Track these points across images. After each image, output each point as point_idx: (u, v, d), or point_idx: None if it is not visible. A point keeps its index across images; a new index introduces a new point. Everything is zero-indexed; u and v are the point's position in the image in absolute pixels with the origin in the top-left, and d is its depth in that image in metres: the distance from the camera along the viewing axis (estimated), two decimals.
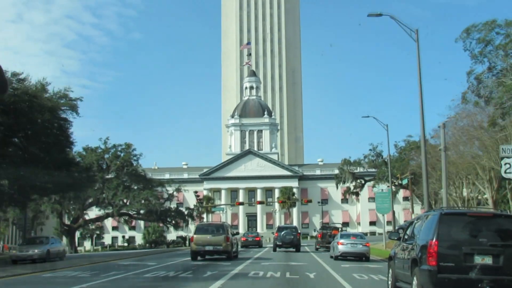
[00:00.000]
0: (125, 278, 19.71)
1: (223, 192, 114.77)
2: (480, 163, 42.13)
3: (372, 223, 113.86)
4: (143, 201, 78.94)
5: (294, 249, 47.99)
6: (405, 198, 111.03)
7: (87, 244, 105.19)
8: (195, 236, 34.14)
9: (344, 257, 33.75)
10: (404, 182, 60.55)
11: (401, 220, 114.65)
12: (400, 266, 14.64)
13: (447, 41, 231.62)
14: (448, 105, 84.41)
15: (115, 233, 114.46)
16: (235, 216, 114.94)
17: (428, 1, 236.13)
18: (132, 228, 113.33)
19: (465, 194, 54.24)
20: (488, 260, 12.07)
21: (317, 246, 53.69)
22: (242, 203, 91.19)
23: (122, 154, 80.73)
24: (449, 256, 12.17)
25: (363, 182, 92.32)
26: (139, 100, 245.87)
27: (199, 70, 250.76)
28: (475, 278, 11.88)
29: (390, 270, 16.02)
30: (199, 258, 33.19)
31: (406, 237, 15.14)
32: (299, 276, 20.40)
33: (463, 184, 52.09)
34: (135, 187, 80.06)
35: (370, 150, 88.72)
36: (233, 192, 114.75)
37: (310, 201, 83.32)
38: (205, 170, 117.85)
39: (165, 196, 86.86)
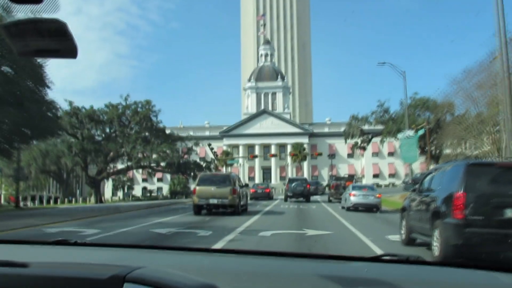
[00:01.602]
0: None
1: (241, 148, 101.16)
2: None
3: (375, 176, 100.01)
4: (161, 154, 65.77)
5: (304, 199, 40.30)
6: None
7: (120, 195, 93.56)
8: (197, 187, 24.99)
9: (356, 208, 27.93)
10: (420, 133, 45.81)
11: (401, 173, 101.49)
12: (416, 217, 11.30)
13: None
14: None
15: (145, 184, 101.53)
16: (251, 169, 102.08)
17: None
18: (160, 180, 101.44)
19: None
20: None
21: (330, 198, 41.65)
22: (256, 156, 77.66)
23: (141, 110, 67.64)
24: (477, 209, 9.00)
25: (370, 137, 77.74)
26: (176, 74, 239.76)
27: (223, 44, 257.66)
28: (506, 232, 8.71)
29: (404, 221, 12.39)
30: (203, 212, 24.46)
31: (422, 188, 11.58)
32: None
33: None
34: (154, 141, 67.08)
35: (378, 106, 74.17)
36: (250, 148, 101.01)
37: (320, 154, 69.45)
38: (225, 128, 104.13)
39: (181, 148, 73.77)
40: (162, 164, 69.06)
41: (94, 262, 2.12)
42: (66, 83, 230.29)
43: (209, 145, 71.46)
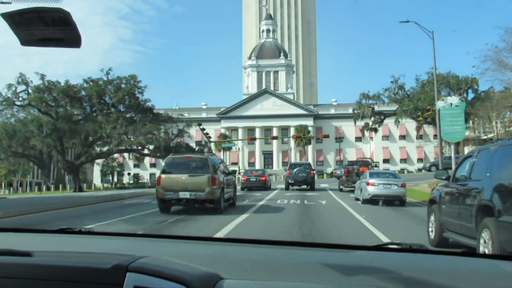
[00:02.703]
0: None
1: (240, 130, 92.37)
2: None
3: (386, 161, 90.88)
4: (149, 136, 57.26)
5: (307, 187, 34.92)
6: (419, 137, 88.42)
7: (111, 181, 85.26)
8: (162, 176, 18.50)
9: (375, 200, 22.24)
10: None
11: (414, 158, 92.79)
12: (453, 213, 8.99)
13: None
14: None
15: (137, 170, 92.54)
16: (252, 154, 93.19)
17: None
18: (153, 165, 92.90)
19: None
20: None
21: (341, 186, 34.52)
22: (254, 138, 68.90)
23: (125, 86, 59.16)
24: None
25: (382, 117, 68.93)
26: (179, 58, 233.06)
27: (224, 23, 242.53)
28: None
29: (432, 217, 10.12)
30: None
31: (459, 175, 9.40)
32: None
33: None
34: (139, 121, 58.58)
35: (392, 82, 65.49)
36: (250, 131, 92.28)
37: (327, 136, 60.74)
38: (222, 110, 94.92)
39: (175, 132, 65.50)
40: (151, 147, 60.88)
41: (97, 251, 2.11)
42: (70, 67, 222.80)
43: (199, 124, 62.93)
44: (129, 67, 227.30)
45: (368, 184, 23.01)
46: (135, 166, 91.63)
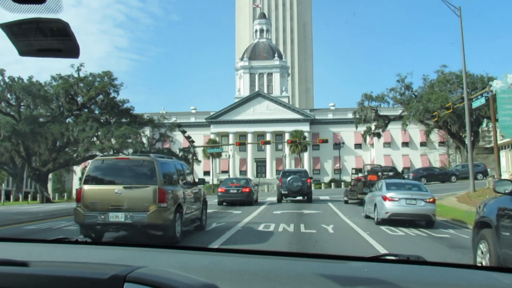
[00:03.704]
0: None
1: (230, 136, 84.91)
2: None
3: None
4: (125, 140, 50.04)
5: (303, 198, 29.86)
6: (422, 144, 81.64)
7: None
8: (85, 187, 11.65)
9: (394, 220, 16.58)
10: (477, 104, 29.67)
11: (417, 167, 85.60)
12: None
13: None
14: None
15: None
16: (243, 161, 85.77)
17: None
18: None
19: None
20: None
21: (345, 198, 29.66)
22: (243, 143, 61.70)
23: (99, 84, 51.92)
24: None
25: (386, 121, 61.79)
26: (174, 64, 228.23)
27: (219, 31, 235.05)
28: None
29: (483, 246, 6.86)
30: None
31: None
32: None
33: None
34: (113, 123, 51.39)
35: (398, 81, 58.49)
36: (242, 137, 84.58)
37: (325, 141, 53.81)
38: (212, 114, 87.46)
39: (157, 136, 58.59)
40: (130, 152, 53.61)
41: (95, 261, 2.10)
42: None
43: (179, 126, 55.81)
44: (124, 74, 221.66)
45: (385, 199, 17.41)
46: None
